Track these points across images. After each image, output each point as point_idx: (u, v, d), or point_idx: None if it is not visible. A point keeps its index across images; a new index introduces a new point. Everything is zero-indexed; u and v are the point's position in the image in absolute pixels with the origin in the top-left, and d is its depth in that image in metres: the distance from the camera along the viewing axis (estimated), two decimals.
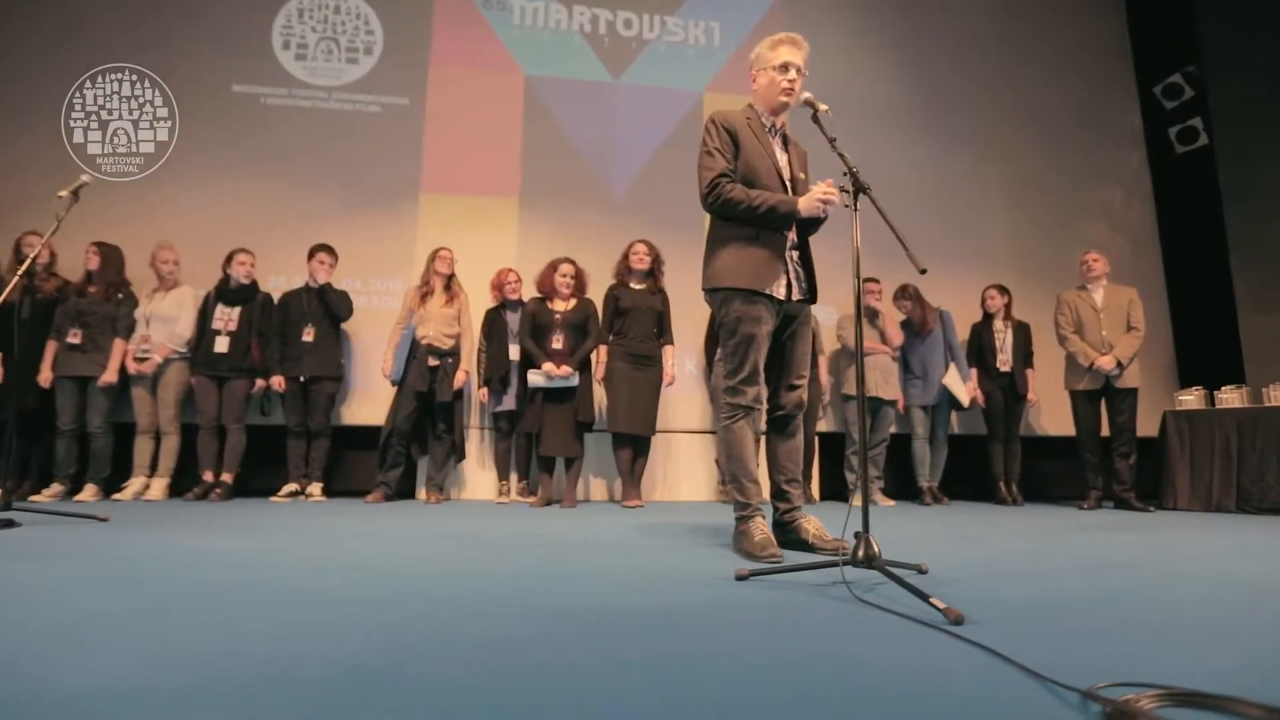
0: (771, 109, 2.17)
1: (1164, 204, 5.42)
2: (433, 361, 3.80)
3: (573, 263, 3.93)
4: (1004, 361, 4.51)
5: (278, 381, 3.75)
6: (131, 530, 2.34)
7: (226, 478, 3.74)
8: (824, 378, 4.45)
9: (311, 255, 3.91)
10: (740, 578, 1.60)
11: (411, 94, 4.55)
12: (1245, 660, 1.01)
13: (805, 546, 2.05)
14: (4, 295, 2.37)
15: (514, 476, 4.07)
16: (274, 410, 3.98)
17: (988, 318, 4.65)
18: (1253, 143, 4.76)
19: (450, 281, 3.91)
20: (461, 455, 3.93)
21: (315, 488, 3.81)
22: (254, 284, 3.90)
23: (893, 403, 4.38)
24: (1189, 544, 2.43)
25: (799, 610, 1.27)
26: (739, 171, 2.07)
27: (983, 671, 0.91)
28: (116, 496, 3.58)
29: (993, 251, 5.01)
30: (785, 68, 2.10)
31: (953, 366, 4.51)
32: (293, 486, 3.77)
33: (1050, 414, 4.83)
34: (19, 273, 2.41)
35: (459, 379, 3.83)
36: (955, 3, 5.50)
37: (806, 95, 1.98)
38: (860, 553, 1.53)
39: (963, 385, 4.50)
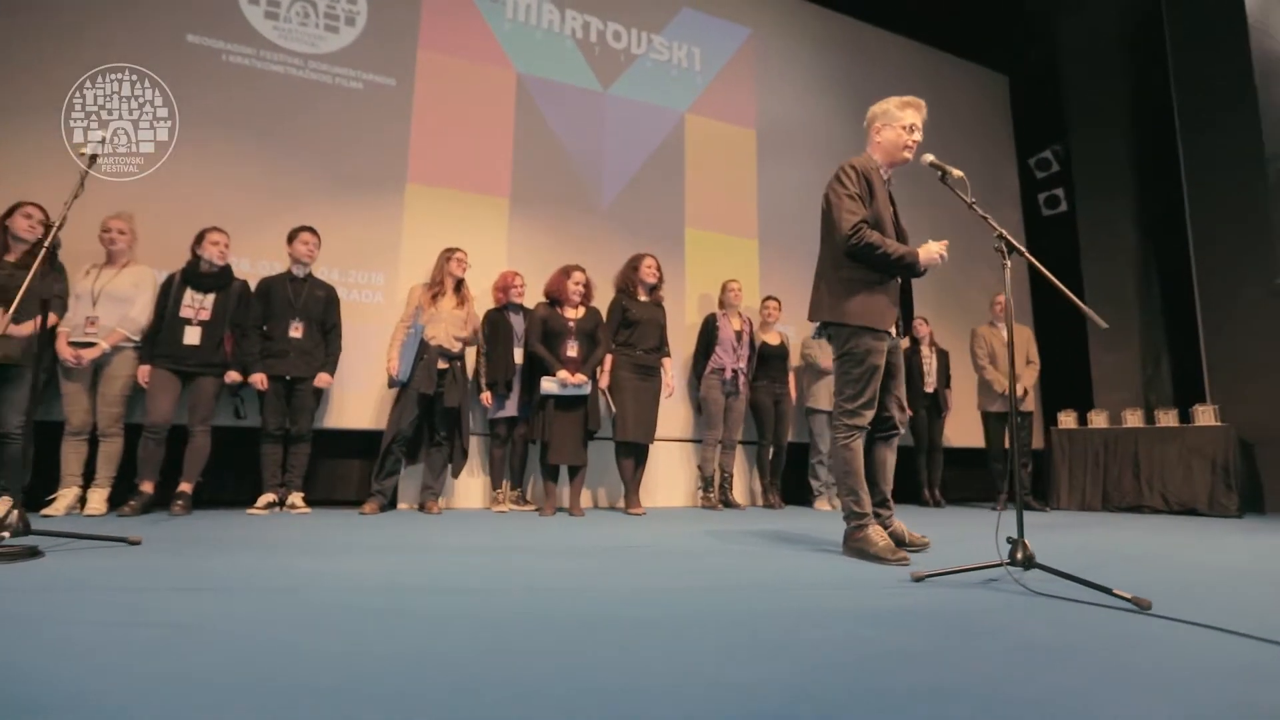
0: (891, 162, 2.42)
1: (1036, 257, 6.57)
2: (442, 364, 3.60)
3: (584, 270, 3.93)
4: (930, 384, 5.23)
5: (260, 379, 3.34)
6: (192, 553, 2.03)
7: (185, 488, 3.24)
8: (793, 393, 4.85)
9: (293, 237, 3.54)
10: (917, 579, 1.83)
11: (398, 75, 4.25)
12: None
13: (899, 544, 2.34)
14: (33, 271, 1.93)
15: (506, 484, 3.97)
16: (244, 410, 3.52)
17: (915, 344, 5.35)
18: (1106, 213, 5.96)
19: (461, 284, 3.73)
20: (462, 463, 3.76)
21: (296, 497, 3.44)
22: (228, 268, 3.43)
23: None
24: (1150, 539, 3.06)
25: (1020, 609, 1.52)
26: (869, 219, 2.30)
27: (1230, 648, 1.20)
28: (47, 512, 2.98)
29: (918, 285, 5.72)
30: (911, 129, 2.37)
31: None
32: (270, 497, 3.37)
33: (950, 428, 5.65)
34: (45, 244, 1.98)
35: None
36: (891, 63, 6.24)
37: (930, 158, 2.25)
38: (1019, 555, 1.83)
39: None
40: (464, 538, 2.62)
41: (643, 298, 4.09)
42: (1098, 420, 5.05)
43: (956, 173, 2.19)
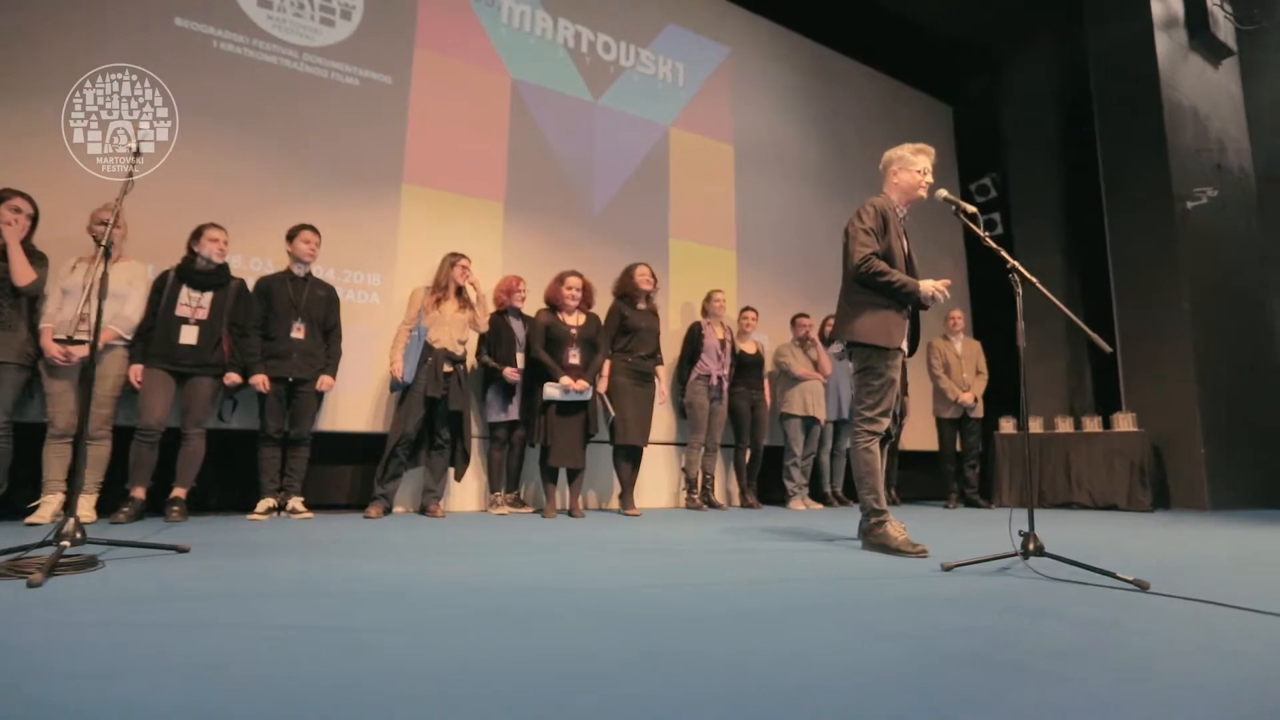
0: (906, 201, 2.69)
1: (973, 274, 7.17)
2: (446, 368, 3.61)
3: (579, 275, 4.02)
4: None
5: (262, 381, 3.25)
6: (252, 559, 2.00)
7: (180, 493, 3.12)
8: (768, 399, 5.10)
9: (294, 235, 3.46)
10: (946, 569, 2.07)
11: (395, 74, 4.19)
12: None
13: None
14: (96, 273, 1.86)
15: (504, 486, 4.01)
16: (233, 414, 3.41)
17: None
18: (1036, 237, 6.59)
19: (462, 290, 3.75)
20: (464, 466, 3.77)
21: (296, 502, 3.36)
22: (225, 265, 3.30)
23: (816, 420, 5.19)
24: (1102, 531, 3.47)
25: (1052, 591, 1.77)
26: (880, 251, 2.55)
27: (1221, 615, 1.48)
28: (33, 519, 2.80)
29: None
30: (924, 172, 2.64)
31: None
32: (270, 502, 3.29)
33: (904, 431, 6.08)
34: (102, 243, 1.91)
35: None
36: (851, 87, 6.64)
37: (944, 193, 2.53)
38: (1031, 546, 2.10)
39: None
40: (502, 537, 2.67)
41: (641, 305, 4.23)
42: (1033, 426, 5.59)
43: (970, 208, 2.47)
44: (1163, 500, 5.29)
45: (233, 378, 3.22)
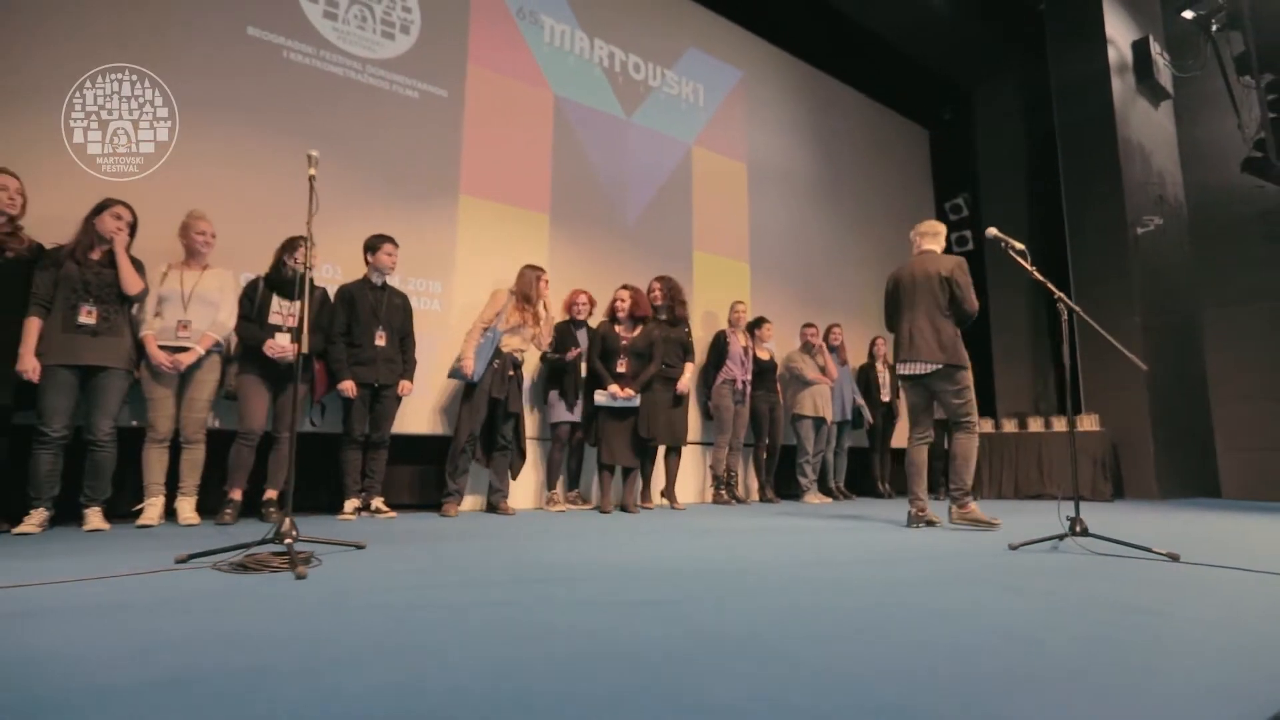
0: None
1: None
2: (510, 372, 3.81)
3: (629, 289, 4.29)
4: (885, 395, 6.13)
5: (350, 387, 3.38)
6: (436, 550, 2.20)
7: (272, 494, 3.23)
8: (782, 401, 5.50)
9: (377, 247, 3.59)
10: (1013, 548, 2.49)
11: (450, 87, 4.34)
12: None
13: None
14: (305, 300, 2.00)
15: (561, 484, 4.24)
16: (322, 418, 3.52)
17: (872, 361, 6.24)
18: (1005, 253, 7.24)
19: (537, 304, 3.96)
20: (521, 464, 3.98)
21: (379, 501, 3.51)
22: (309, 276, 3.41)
23: (824, 420, 5.62)
24: (1100, 517, 4.00)
25: (1109, 564, 2.19)
26: None
27: (1243, 578, 1.94)
28: (142, 521, 2.87)
29: (867, 307, 6.67)
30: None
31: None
32: (355, 502, 3.43)
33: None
34: (302, 264, 2.06)
35: None
36: (843, 111, 7.14)
37: (993, 231, 2.96)
38: (1078, 528, 2.54)
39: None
40: (609, 527, 2.92)
41: (663, 318, 4.51)
42: (1009, 426, 6.22)
43: (1018, 245, 2.90)
44: (1119, 491, 6.00)
45: (278, 348, 3.21)
